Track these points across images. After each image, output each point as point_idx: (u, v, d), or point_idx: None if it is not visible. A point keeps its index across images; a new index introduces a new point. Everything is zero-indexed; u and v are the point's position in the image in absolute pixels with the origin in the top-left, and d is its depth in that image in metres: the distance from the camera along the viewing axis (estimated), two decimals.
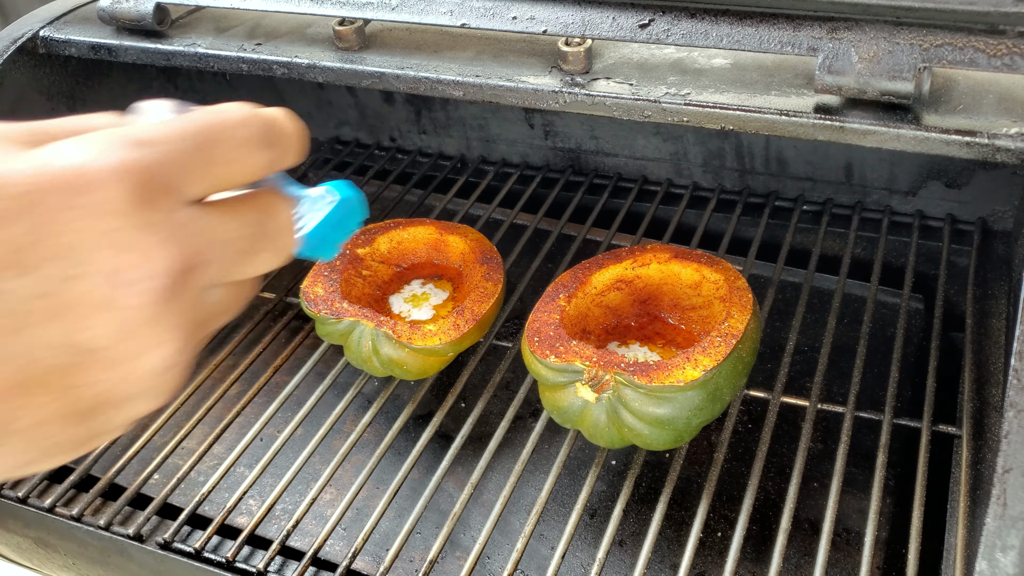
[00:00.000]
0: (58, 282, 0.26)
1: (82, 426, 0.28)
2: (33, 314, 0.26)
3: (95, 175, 0.26)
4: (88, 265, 0.26)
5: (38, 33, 0.72)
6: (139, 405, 0.29)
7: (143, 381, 0.28)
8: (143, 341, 0.27)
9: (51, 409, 0.27)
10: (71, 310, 0.26)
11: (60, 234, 0.26)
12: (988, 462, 0.51)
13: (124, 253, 0.26)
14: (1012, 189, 0.75)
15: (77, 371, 0.27)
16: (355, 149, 1.02)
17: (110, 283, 0.26)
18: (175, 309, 0.28)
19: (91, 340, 0.27)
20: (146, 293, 0.27)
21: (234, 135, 0.30)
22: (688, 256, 0.65)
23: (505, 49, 0.60)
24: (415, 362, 0.63)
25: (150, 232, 0.27)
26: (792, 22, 0.50)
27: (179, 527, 0.61)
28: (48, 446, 0.28)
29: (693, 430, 0.55)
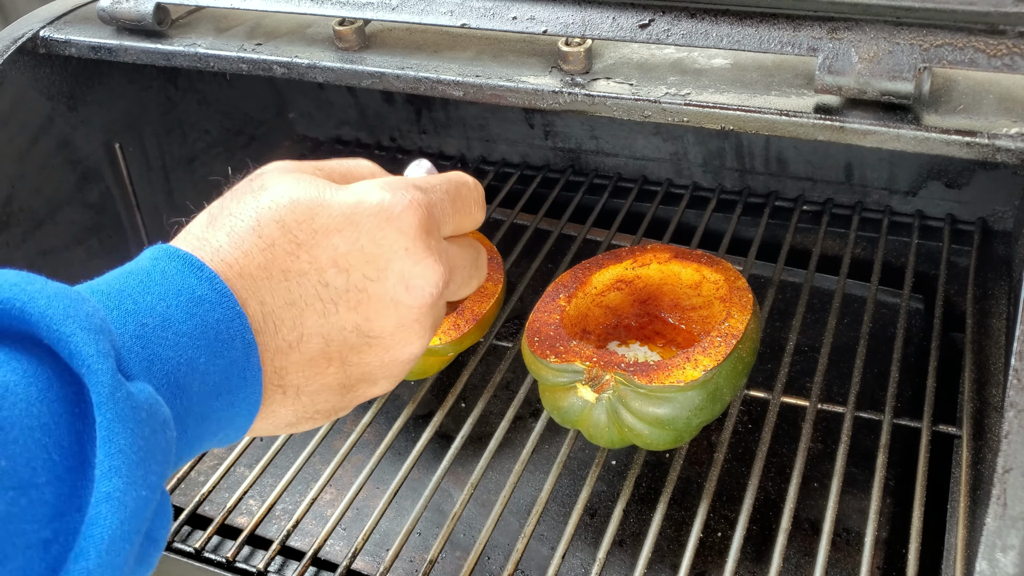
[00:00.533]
0: (364, 281, 0.35)
1: (344, 396, 0.37)
2: (341, 303, 0.34)
3: (398, 207, 0.36)
4: (387, 272, 0.35)
5: (38, 33, 0.72)
6: (383, 385, 0.38)
7: (395, 366, 0.37)
8: (409, 334, 0.37)
9: (332, 379, 0.35)
10: (369, 303, 0.35)
11: (370, 247, 0.35)
12: (988, 462, 0.51)
13: (414, 265, 0.36)
14: (1012, 189, 0.75)
15: (359, 352, 0.36)
16: (355, 149, 1.02)
17: (401, 286, 0.35)
18: (433, 313, 0.37)
19: (376, 329, 0.36)
20: (424, 297, 0.36)
21: (471, 194, 0.41)
22: (688, 256, 0.65)
23: (505, 49, 0.60)
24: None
25: (430, 253, 0.36)
26: (792, 22, 0.50)
27: (179, 527, 0.61)
28: (316, 409, 0.36)
29: (693, 430, 0.55)
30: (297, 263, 0.33)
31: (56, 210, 0.78)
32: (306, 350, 0.34)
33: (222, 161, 0.95)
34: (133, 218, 0.85)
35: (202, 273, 0.31)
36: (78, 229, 0.80)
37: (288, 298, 0.33)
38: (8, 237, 0.74)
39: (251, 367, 0.32)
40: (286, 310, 0.33)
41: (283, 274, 0.33)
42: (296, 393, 0.34)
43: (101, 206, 0.82)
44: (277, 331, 0.33)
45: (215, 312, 0.30)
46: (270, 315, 0.33)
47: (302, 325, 0.33)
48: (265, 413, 0.34)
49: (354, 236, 0.34)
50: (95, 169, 0.81)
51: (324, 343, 0.34)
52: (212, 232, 0.33)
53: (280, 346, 0.33)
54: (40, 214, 0.76)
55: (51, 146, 0.77)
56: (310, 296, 0.33)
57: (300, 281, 0.33)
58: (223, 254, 0.32)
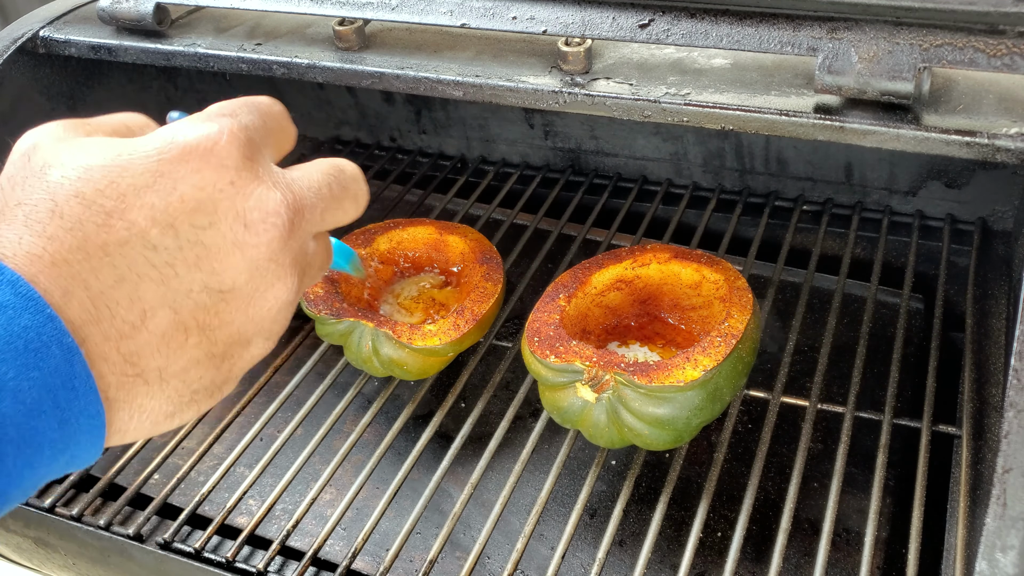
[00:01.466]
0: (195, 232, 0.31)
1: (220, 367, 0.33)
2: (177, 264, 0.31)
3: (211, 141, 0.32)
4: (218, 214, 0.31)
5: (38, 33, 0.72)
6: (259, 345, 0.35)
7: (266, 319, 0.34)
8: (267, 277, 0.33)
9: (197, 352, 0.32)
10: (209, 255, 0.31)
11: (190, 193, 0.31)
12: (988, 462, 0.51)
13: (245, 199, 0.32)
14: (1012, 189, 0.75)
15: (217, 312, 0.32)
16: (355, 149, 1.02)
17: (239, 224, 0.32)
18: (290, 248, 0.33)
19: (226, 281, 0.32)
20: (268, 230, 0.32)
21: (283, 113, 0.37)
22: (688, 256, 0.65)
23: (505, 49, 0.60)
24: (415, 362, 0.63)
25: (259, 180, 0.33)
26: (792, 22, 0.50)
27: (179, 527, 0.61)
28: (193, 390, 0.33)
29: (693, 430, 0.55)
30: (114, 233, 0.29)
31: None
32: (155, 326, 0.30)
33: None
34: None
35: (1, 277, 0.27)
36: None
37: (115, 275, 0.29)
38: None
39: (78, 375, 0.28)
40: (117, 288, 0.29)
41: (102, 250, 0.29)
42: (160, 377, 0.31)
43: None
44: (114, 314, 0.29)
45: (20, 319, 0.27)
46: (100, 298, 0.29)
47: (141, 300, 0.30)
48: (131, 410, 0.31)
49: (169, 186, 0.31)
50: None
51: (173, 313, 0.31)
52: (6, 227, 0.29)
53: (122, 330, 0.29)
54: None
55: None
56: (140, 265, 0.30)
57: (123, 252, 0.29)
58: (26, 246, 0.28)
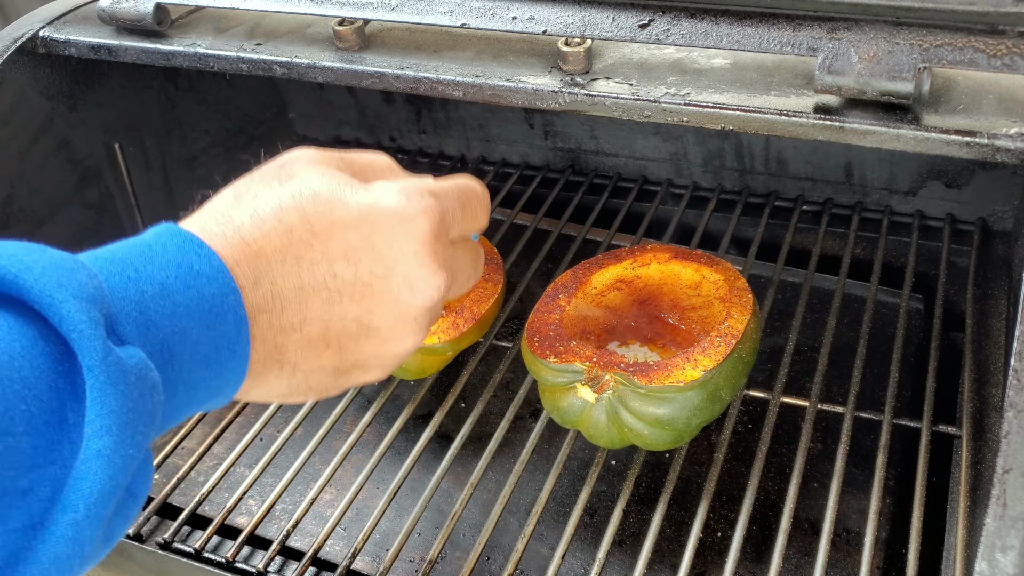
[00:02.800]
0: (371, 276, 0.37)
1: (337, 379, 0.39)
2: (346, 294, 0.36)
3: (412, 212, 0.37)
4: (394, 271, 0.37)
5: (38, 33, 0.72)
6: (374, 374, 0.40)
7: (389, 358, 0.40)
8: (407, 331, 0.39)
9: (328, 362, 0.38)
10: (373, 297, 0.37)
11: (381, 246, 0.37)
12: (988, 462, 0.51)
13: (420, 268, 0.38)
14: (1012, 189, 0.75)
15: (357, 341, 0.38)
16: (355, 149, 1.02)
17: (406, 286, 0.38)
18: (431, 313, 0.40)
19: (376, 322, 0.38)
20: (426, 300, 0.38)
21: (479, 200, 0.43)
22: (688, 256, 0.65)
23: (505, 49, 0.60)
24: (414, 361, 0.63)
25: (436, 259, 0.38)
26: (792, 22, 0.50)
27: (179, 527, 0.61)
28: (308, 386, 0.38)
29: (693, 430, 0.55)
30: (311, 251, 0.35)
31: (56, 210, 0.78)
32: (307, 333, 0.36)
33: (222, 161, 0.95)
34: (133, 218, 0.85)
35: (201, 250, 0.33)
36: (78, 229, 0.80)
37: (298, 282, 0.35)
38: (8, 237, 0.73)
39: (240, 341, 0.33)
40: (294, 293, 0.35)
41: (296, 260, 0.35)
42: (292, 369, 0.36)
43: (101, 206, 0.82)
44: (283, 311, 0.35)
45: (211, 287, 0.32)
46: (279, 295, 0.35)
47: (307, 309, 0.35)
48: (260, 382, 0.36)
49: (367, 233, 0.36)
50: (95, 169, 0.81)
51: (325, 329, 0.36)
52: (236, 210, 0.35)
53: (283, 326, 0.35)
54: (40, 214, 0.76)
55: (51, 146, 0.77)
56: (318, 284, 0.35)
57: (311, 269, 0.35)
58: (243, 232, 0.34)
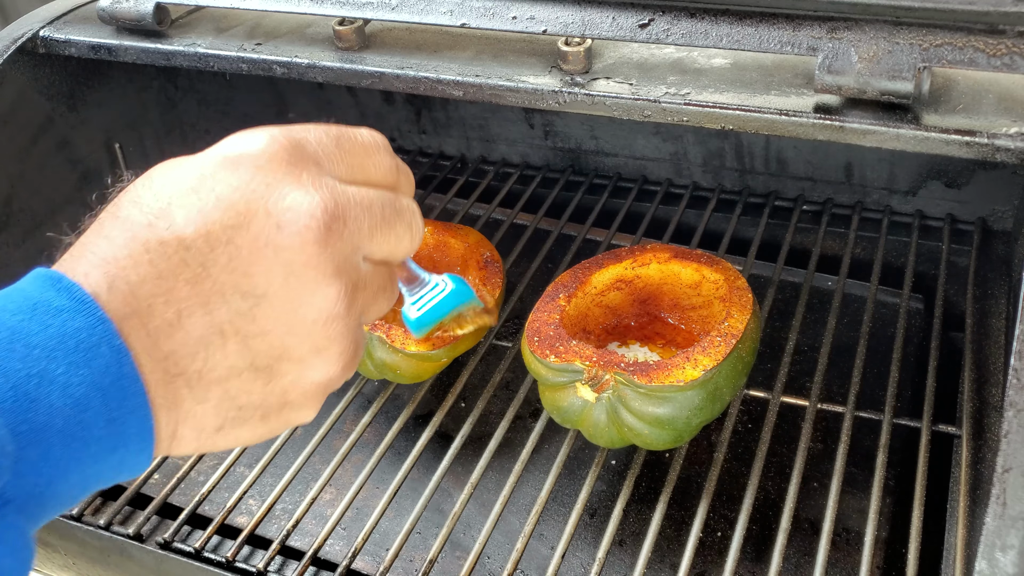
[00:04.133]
0: (225, 231, 0.31)
1: (267, 386, 0.32)
2: (209, 265, 0.30)
3: (253, 146, 0.32)
4: (249, 213, 0.31)
5: (38, 33, 0.72)
6: (318, 366, 0.33)
7: (314, 333, 0.32)
8: (306, 283, 0.32)
9: (238, 360, 0.31)
10: (240, 256, 0.31)
11: (225, 193, 0.31)
12: (988, 462, 0.51)
13: (279, 199, 0.31)
14: (1012, 189, 0.75)
15: (252, 317, 0.31)
16: None
17: (270, 223, 0.31)
18: (330, 255, 0.32)
19: (259, 284, 0.31)
20: (303, 231, 0.31)
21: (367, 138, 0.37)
22: (688, 256, 0.65)
23: (505, 49, 0.60)
24: (409, 367, 0.63)
25: (297, 180, 0.32)
26: (792, 22, 0.50)
27: (179, 527, 0.61)
28: (238, 406, 0.32)
29: (693, 430, 0.55)
30: (155, 231, 0.31)
31: (56, 210, 0.78)
32: (191, 326, 0.30)
33: None
34: None
35: (60, 284, 0.29)
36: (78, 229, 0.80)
37: (154, 271, 0.30)
38: (8, 237, 0.74)
39: (126, 375, 0.29)
40: (155, 284, 0.30)
41: (143, 247, 0.30)
42: (201, 381, 0.31)
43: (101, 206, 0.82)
44: (152, 310, 0.30)
45: (74, 321, 0.29)
46: (139, 292, 0.30)
47: (176, 299, 0.30)
48: (181, 416, 0.31)
49: (208, 187, 0.31)
50: (95, 169, 0.81)
51: (207, 314, 0.31)
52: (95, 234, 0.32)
53: (160, 327, 0.30)
54: (40, 214, 0.76)
55: (51, 146, 0.77)
56: (175, 264, 0.30)
57: (162, 250, 0.30)
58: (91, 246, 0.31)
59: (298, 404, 0.34)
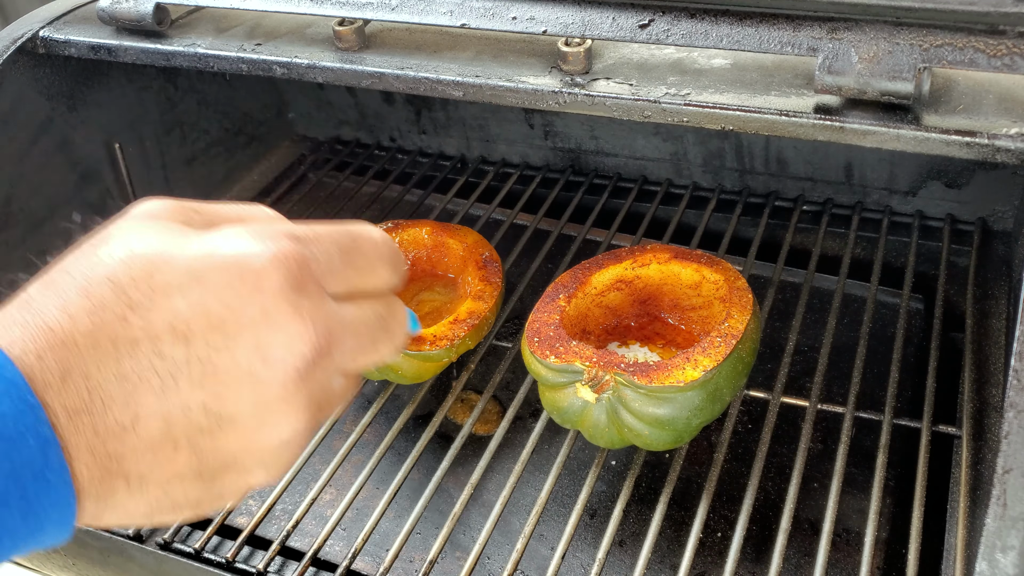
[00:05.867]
0: (207, 351, 0.29)
1: (206, 487, 0.31)
2: (181, 378, 0.29)
3: (257, 260, 0.30)
4: (239, 339, 0.29)
5: (38, 33, 0.72)
6: (258, 475, 0.32)
7: (267, 453, 0.31)
8: (275, 415, 0.30)
9: (184, 467, 0.30)
10: (216, 377, 0.29)
11: (215, 308, 0.29)
12: (988, 462, 0.51)
13: (272, 331, 0.30)
14: (1012, 189, 0.75)
15: (213, 436, 0.30)
16: (355, 149, 1.02)
17: (256, 356, 0.29)
18: (306, 389, 0.31)
19: (229, 409, 0.29)
20: (286, 371, 0.30)
21: (373, 249, 0.35)
22: (688, 256, 0.65)
23: (505, 49, 0.60)
24: (410, 367, 0.63)
25: (296, 316, 0.30)
26: (792, 22, 0.50)
27: (179, 527, 0.61)
28: (173, 501, 0.31)
29: (693, 430, 0.55)
30: (128, 329, 0.28)
31: (56, 210, 0.78)
32: (144, 434, 0.28)
33: (222, 161, 0.95)
34: None
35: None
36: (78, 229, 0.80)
37: (118, 371, 0.28)
38: (8, 237, 0.74)
39: (51, 467, 0.27)
40: (116, 385, 0.28)
41: (112, 343, 0.28)
42: (140, 483, 0.29)
43: (101, 206, 0.82)
44: (107, 410, 0.28)
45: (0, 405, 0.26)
46: (96, 391, 0.28)
47: (136, 404, 0.28)
48: (109, 504, 0.29)
49: (198, 295, 0.29)
50: (95, 169, 0.81)
51: (165, 425, 0.29)
52: (44, 294, 0.29)
53: (111, 428, 0.28)
54: (40, 214, 0.76)
55: (51, 146, 0.77)
56: (144, 369, 0.28)
57: (132, 351, 0.28)
58: (47, 317, 0.28)
59: (228, 499, 0.32)
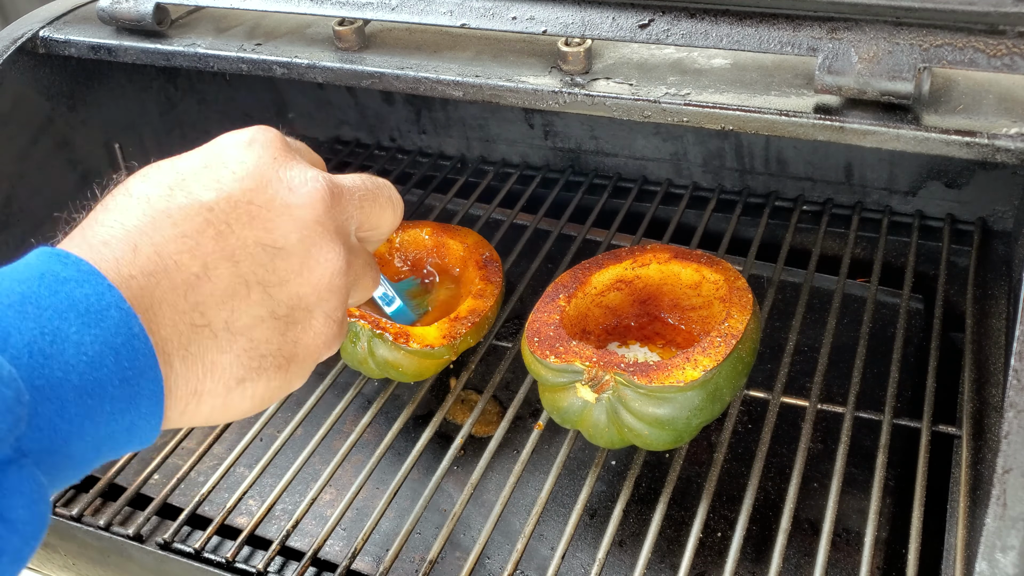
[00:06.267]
0: (246, 194, 0.35)
1: (284, 336, 0.36)
2: (232, 222, 0.34)
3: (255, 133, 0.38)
4: (264, 181, 0.36)
5: (38, 33, 0.72)
6: (321, 319, 0.37)
7: (321, 285, 0.37)
8: (316, 240, 0.36)
9: (260, 309, 0.35)
10: (261, 213, 0.35)
11: (239, 166, 0.36)
12: (988, 462, 0.51)
13: (289, 169, 0.37)
14: (1012, 189, 0.75)
15: (274, 268, 0.35)
16: (355, 149, 1.02)
17: (284, 188, 0.36)
18: (332, 217, 0.37)
19: (278, 238, 0.35)
20: (311, 194, 0.37)
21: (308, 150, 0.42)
22: (688, 256, 0.65)
23: (505, 49, 0.60)
24: (411, 364, 0.63)
25: (299, 162, 0.38)
26: (792, 22, 0.50)
27: (179, 527, 0.61)
28: (260, 355, 0.35)
29: (693, 430, 0.55)
30: (174, 200, 0.34)
31: (56, 210, 0.78)
32: (217, 277, 0.33)
33: None
34: None
35: (67, 260, 0.31)
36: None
37: (177, 232, 0.33)
38: (8, 237, 0.74)
39: (137, 336, 0.31)
40: (179, 242, 0.33)
41: (164, 213, 0.33)
42: (228, 330, 0.34)
43: None
44: (179, 265, 0.33)
45: (81, 289, 0.30)
46: (163, 251, 0.33)
47: (202, 254, 0.33)
48: (205, 368, 0.33)
49: (220, 163, 0.36)
50: (95, 169, 0.81)
51: (233, 265, 0.34)
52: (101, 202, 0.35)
53: (188, 280, 0.33)
54: (40, 214, 0.76)
55: (51, 146, 0.77)
56: (200, 223, 0.34)
57: (183, 213, 0.34)
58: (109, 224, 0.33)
59: (301, 359, 0.37)
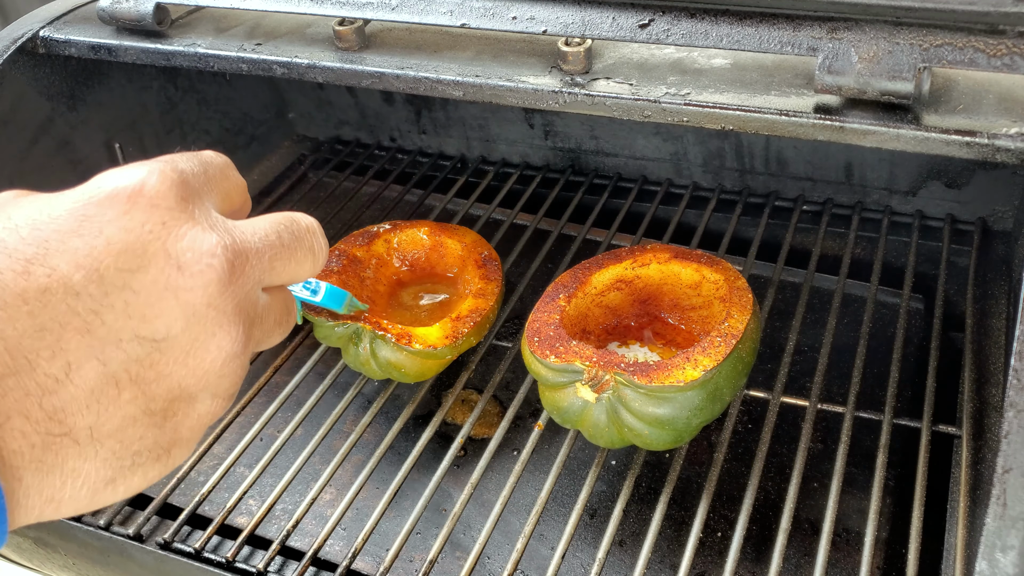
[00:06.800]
0: (122, 276, 0.29)
1: (160, 427, 0.31)
2: (103, 312, 0.28)
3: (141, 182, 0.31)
4: (147, 256, 0.29)
5: (38, 33, 0.72)
6: (207, 403, 0.32)
7: (211, 373, 0.31)
8: (207, 325, 0.30)
9: (132, 406, 0.29)
10: (138, 300, 0.29)
11: (116, 235, 0.29)
12: (988, 462, 0.51)
13: (178, 240, 0.30)
14: (1012, 189, 0.75)
15: (153, 364, 0.30)
16: (355, 149, 1.02)
17: (171, 266, 0.30)
18: (231, 294, 0.31)
19: (160, 328, 0.29)
20: (205, 272, 0.30)
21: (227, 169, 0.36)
22: (688, 256, 0.65)
23: (505, 49, 0.60)
24: (413, 365, 0.63)
25: (195, 220, 0.31)
26: (792, 22, 0.50)
27: (179, 527, 0.61)
28: (134, 452, 0.30)
29: (693, 430, 0.55)
30: (33, 280, 0.28)
31: None
32: (81, 380, 0.28)
33: None
34: None
35: None
36: None
37: (35, 324, 0.27)
38: None
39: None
40: (38, 339, 0.27)
41: (20, 298, 0.27)
42: (91, 437, 0.28)
43: None
44: (34, 367, 0.27)
45: None
46: (17, 349, 0.27)
47: (64, 351, 0.28)
48: (65, 476, 0.28)
49: (95, 230, 0.29)
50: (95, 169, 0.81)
51: (101, 365, 0.28)
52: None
53: (45, 384, 0.27)
54: None
55: (51, 146, 0.77)
56: (63, 313, 0.28)
57: (44, 299, 0.27)
58: None
59: (186, 440, 0.32)
